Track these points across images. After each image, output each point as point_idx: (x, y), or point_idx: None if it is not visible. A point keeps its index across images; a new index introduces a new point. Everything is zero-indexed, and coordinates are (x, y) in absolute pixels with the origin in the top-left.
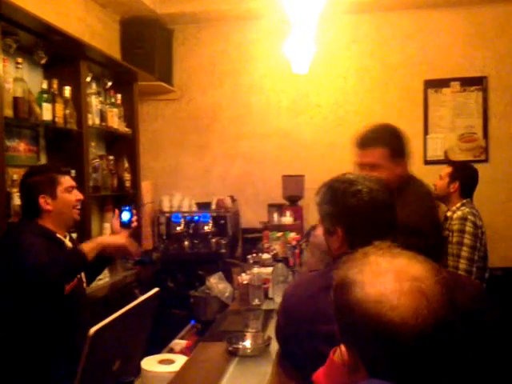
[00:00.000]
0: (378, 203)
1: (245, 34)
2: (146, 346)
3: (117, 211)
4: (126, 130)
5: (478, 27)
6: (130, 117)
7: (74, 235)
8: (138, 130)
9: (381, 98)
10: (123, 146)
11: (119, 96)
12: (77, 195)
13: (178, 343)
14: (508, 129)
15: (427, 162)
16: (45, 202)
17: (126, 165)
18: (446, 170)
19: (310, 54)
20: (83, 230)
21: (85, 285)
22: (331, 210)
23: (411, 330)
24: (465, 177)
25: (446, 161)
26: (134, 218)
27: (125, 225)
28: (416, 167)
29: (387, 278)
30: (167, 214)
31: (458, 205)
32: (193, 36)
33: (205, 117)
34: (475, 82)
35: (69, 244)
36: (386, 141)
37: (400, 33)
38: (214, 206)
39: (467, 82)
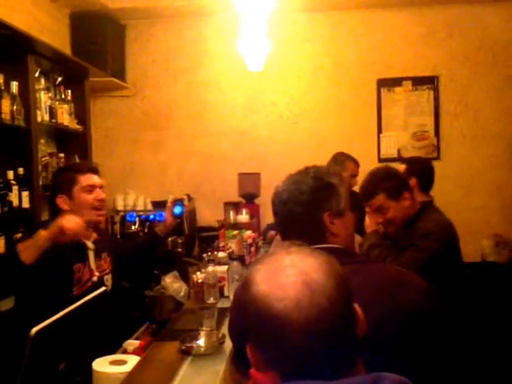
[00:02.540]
0: (290, 203)
1: (199, 31)
2: (99, 347)
3: (170, 205)
4: (78, 126)
5: (430, 27)
6: (81, 113)
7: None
8: (90, 127)
9: (335, 96)
10: (74, 143)
11: (70, 92)
12: (97, 195)
13: (131, 343)
14: (458, 127)
15: (381, 160)
16: (63, 201)
17: None
18: (401, 167)
19: (265, 51)
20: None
21: (108, 287)
22: (272, 204)
23: (295, 323)
24: (421, 171)
25: (400, 159)
26: (184, 210)
27: (176, 216)
28: (370, 165)
29: (277, 273)
30: (121, 213)
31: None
32: (146, 32)
33: (160, 114)
34: (427, 82)
35: (90, 246)
36: (382, 187)
37: (353, 32)
38: (169, 205)
39: (419, 82)
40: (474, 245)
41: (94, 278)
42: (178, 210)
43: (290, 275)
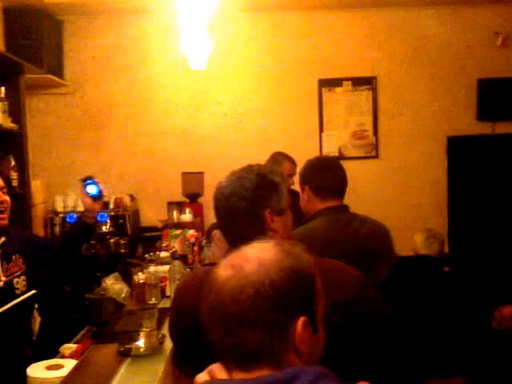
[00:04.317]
0: (228, 196)
1: (140, 28)
2: (36, 351)
3: (81, 188)
4: (12, 125)
5: (369, 29)
6: (16, 111)
7: None
8: (26, 126)
9: (278, 95)
10: (9, 142)
11: (3, 89)
12: None
13: (68, 347)
14: (395, 126)
15: None
16: None
17: (13, 163)
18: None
19: (207, 50)
20: None
21: (19, 289)
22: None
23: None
24: None
25: (341, 157)
26: (102, 186)
27: (96, 198)
28: None
29: (234, 258)
30: (61, 215)
31: None
32: (84, 28)
33: (100, 112)
34: (366, 82)
35: None
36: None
37: (295, 32)
38: (112, 205)
39: (359, 82)
40: (410, 241)
41: (0, 283)
42: (91, 189)
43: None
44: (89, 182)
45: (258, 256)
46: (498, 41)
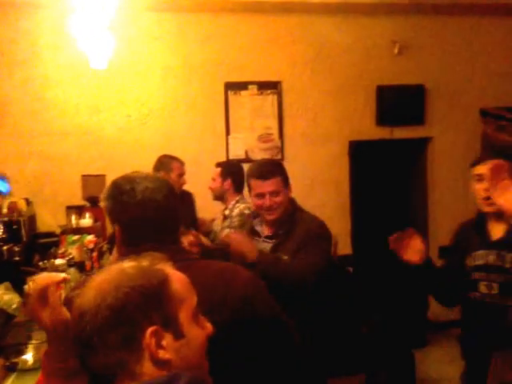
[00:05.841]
0: (150, 203)
1: (37, 23)
2: None
3: None
4: None
5: (273, 34)
6: None
7: None
8: None
9: (185, 97)
10: None
11: None
12: None
13: None
14: (300, 130)
15: None
16: None
17: None
18: (216, 170)
19: (109, 48)
20: None
21: None
22: (110, 207)
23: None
24: (234, 173)
25: (248, 160)
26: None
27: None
28: None
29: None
30: None
31: (233, 202)
32: None
33: None
34: (271, 86)
35: None
36: (280, 171)
37: (201, 34)
38: (5, 210)
39: (264, 86)
40: None
41: None
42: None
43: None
44: None
45: (98, 281)
46: (395, 49)
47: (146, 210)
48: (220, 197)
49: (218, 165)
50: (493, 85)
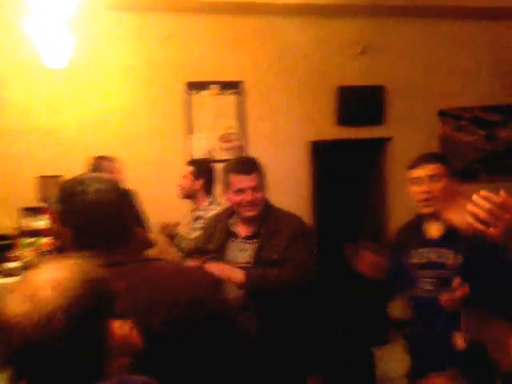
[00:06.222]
0: (101, 204)
1: None
2: None
3: None
4: None
5: (236, 34)
6: None
7: None
8: None
9: (146, 97)
10: None
11: None
12: None
13: None
14: (262, 130)
15: None
16: None
17: None
18: (188, 169)
19: (68, 47)
20: None
21: None
22: (60, 210)
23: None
24: (206, 174)
25: (210, 160)
26: None
27: None
28: (181, 166)
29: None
30: None
31: (206, 204)
32: None
33: None
34: (233, 86)
35: None
36: (259, 168)
37: (162, 34)
38: None
39: (226, 86)
40: None
41: None
42: None
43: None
44: None
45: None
46: (357, 50)
47: (97, 212)
48: (190, 196)
49: (191, 163)
50: (452, 86)
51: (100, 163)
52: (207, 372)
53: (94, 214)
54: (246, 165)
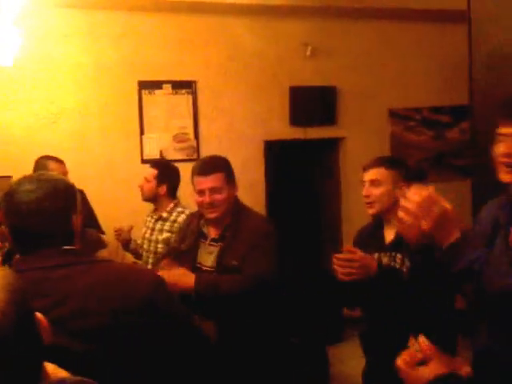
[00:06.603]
0: (32, 204)
1: None
2: None
3: None
4: None
5: (188, 34)
6: None
7: None
8: None
9: (97, 96)
10: None
11: None
12: None
13: None
14: (215, 130)
15: (144, 161)
16: None
17: None
18: (151, 172)
19: (15, 45)
20: None
21: None
22: (3, 210)
23: None
24: (171, 178)
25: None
26: None
27: None
28: (133, 166)
29: None
30: None
31: (172, 205)
32: None
33: None
34: (185, 86)
35: None
36: (223, 167)
37: (113, 32)
38: None
39: (178, 86)
40: None
41: None
42: None
43: None
44: None
45: None
46: (307, 51)
47: (28, 213)
48: (151, 199)
49: (155, 166)
50: (401, 87)
51: (45, 164)
52: (159, 373)
53: (25, 214)
54: (206, 165)
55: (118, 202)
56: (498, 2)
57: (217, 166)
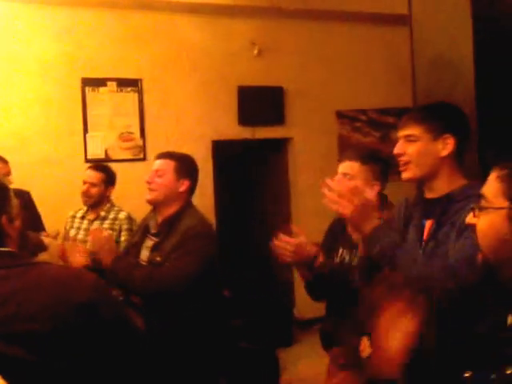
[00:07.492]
0: None
1: None
2: None
3: None
4: None
5: (134, 31)
6: None
7: None
8: None
9: (38, 93)
10: None
11: None
12: None
13: None
14: (162, 129)
15: (88, 161)
16: None
17: None
18: (98, 175)
19: None
20: None
21: None
22: None
23: None
24: (115, 180)
25: (108, 160)
26: None
27: None
28: (77, 166)
29: None
30: None
31: (109, 205)
32: None
33: None
34: (131, 84)
35: None
36: (179, 159)
37: (56, 28)
38: None
39: (123, 83)
40: None
41: None
42: None
43: None
44: None
45: None
46: (255, 51)
47: None
48: (97, 204)
49: (99, 169)
50: (348, 88)
51: None
52: (97, 376)
53: None
54: (165, 152)
55: (61, 201)
56: (438, 8)
57: (173, 155)
